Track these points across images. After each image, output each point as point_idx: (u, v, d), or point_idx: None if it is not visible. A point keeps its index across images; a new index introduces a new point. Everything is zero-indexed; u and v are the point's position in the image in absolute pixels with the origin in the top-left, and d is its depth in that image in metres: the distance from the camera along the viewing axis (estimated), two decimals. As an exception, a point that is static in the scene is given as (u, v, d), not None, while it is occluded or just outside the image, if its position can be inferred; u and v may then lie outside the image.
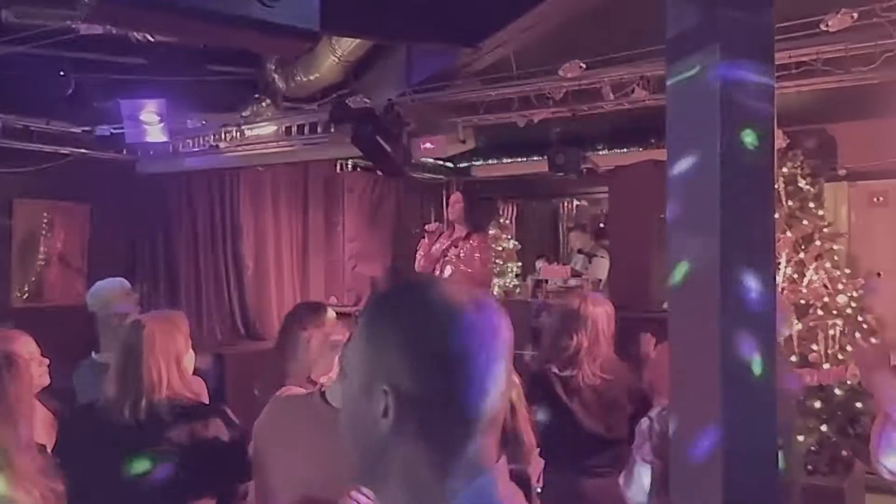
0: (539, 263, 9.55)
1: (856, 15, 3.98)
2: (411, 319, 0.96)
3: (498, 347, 0.97)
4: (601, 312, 3.30)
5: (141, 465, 2.35)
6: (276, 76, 5.87)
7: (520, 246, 9.54)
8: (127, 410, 2.38)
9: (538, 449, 2.38)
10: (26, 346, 2.81)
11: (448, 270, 5.78)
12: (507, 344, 0.98)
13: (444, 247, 5.83)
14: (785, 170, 5.29)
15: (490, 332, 0.97)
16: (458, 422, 0.95)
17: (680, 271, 2.10)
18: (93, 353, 3.51)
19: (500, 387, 0.97)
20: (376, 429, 0.95)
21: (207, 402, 2.75)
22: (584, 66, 4.95)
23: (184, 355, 2.55)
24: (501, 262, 9.06)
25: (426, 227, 6.27)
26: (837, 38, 4.24)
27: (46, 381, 2.92)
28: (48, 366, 2.92)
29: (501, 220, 9.88)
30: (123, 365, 2.44)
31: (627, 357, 3.41)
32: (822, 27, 4.10)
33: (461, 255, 5.76)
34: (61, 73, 5.54)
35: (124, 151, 6.72)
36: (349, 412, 1.02)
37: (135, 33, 4.58)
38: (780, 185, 5.18)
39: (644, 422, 2.75)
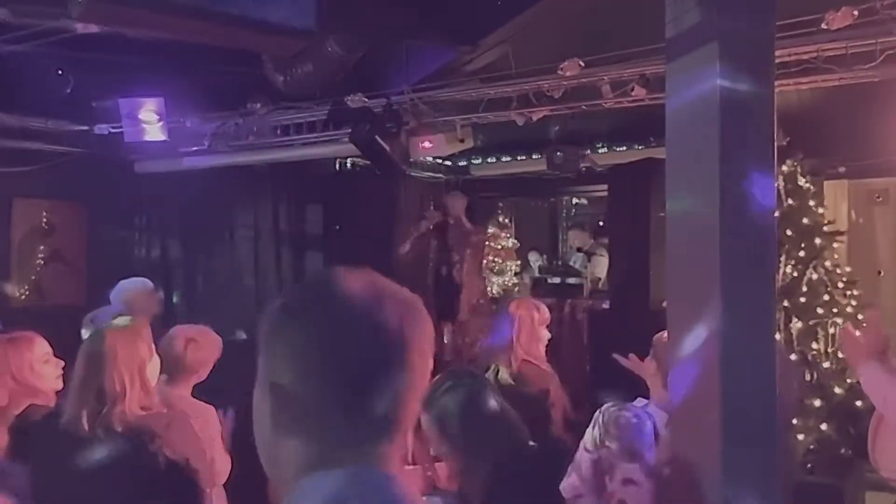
0: (532, 257, 9.52)
1: (856, 12, 3.97)
2: (298, 321, 0.96)
3: (391, 348, 0.95)
4: (525, 316, 3.38)
5: (90, 477, 2.33)
6: (275, 74, 5.85)
7: (519, 244, 9.53)
8: (85, 422, 2.35)
9: None
10: (40, 347, 2.80)
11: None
12: (403, 344, 0.96)
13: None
14: (785, 168, 5.28)
15: (381, 332, 0.95)
16: (337, 422, 0.94)
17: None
18: None
19: (390, 388, 0.95)
20: (267, 426, 0.97)
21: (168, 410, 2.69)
22: (583, 64, 4.94)
23: (147, 364, 2.51)
24: (500, 261, 9.05)
25: (425, 213, 6.42)
26: (838, 36, 4.22)
27: (60, 384, 2.86)
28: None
29: (500, 219, 9.87)
30: (84, 376, 2.41)
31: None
32: (823, 25, 4.09)
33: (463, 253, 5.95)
34: (59, 71, 5.53)
35: (123, 151, 6.70)
36: (254, 414, 1.02)
37: (133, 32, 4.56)
38: (779, 183, 5.17)
39: (596, 413, 2.73)
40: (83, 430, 2.35)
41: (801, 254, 5.17)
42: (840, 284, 5.20)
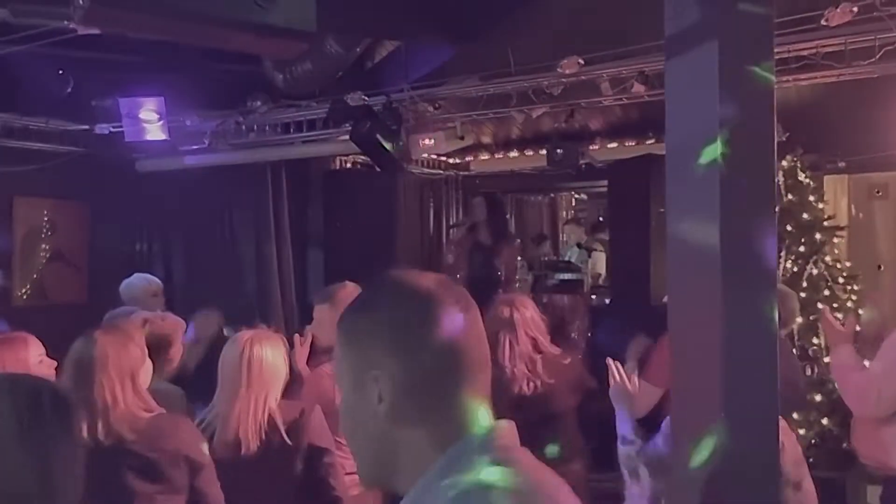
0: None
1: (855, 9, 3.97)
2: (390, 310, 1.03)
3: (472, 319, 1.05)
4: (528, 316, 3.38)
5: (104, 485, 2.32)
6: (274, 73, 5.86)
7: (519, 240, 9.53)
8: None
9: None
10: (35, 348, 2.79)
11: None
12: (478, 316, 1.07)
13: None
14: (784, 163, 5.29)
15: (463, 308, 1.04)
16: (453, 394, 1.00)
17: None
18: None
19: (483, 353, 1.05)
20: (375, 418, 0.99)
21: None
22: (582, 61, 4.94)
23: (139, 369, 2.47)
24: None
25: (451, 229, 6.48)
26: (837, 32, 4.23)
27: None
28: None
29: (500, 215, 9.85)
30: (74, 382, 2.34)
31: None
32: (822, 21, 4.09)
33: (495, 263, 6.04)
34: (60, 71, 5.53)
35: (124, 150, 6.70)
36: (348, 415, 1.04)
37: (133, 34, 4.57)
38: (779, 178, 5.18)
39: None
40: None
41: (802, 249, 5.18)
42: (840, 279, 5.22)
